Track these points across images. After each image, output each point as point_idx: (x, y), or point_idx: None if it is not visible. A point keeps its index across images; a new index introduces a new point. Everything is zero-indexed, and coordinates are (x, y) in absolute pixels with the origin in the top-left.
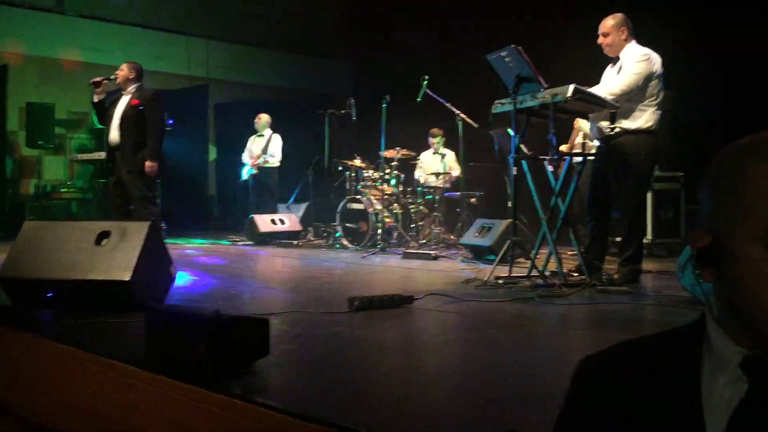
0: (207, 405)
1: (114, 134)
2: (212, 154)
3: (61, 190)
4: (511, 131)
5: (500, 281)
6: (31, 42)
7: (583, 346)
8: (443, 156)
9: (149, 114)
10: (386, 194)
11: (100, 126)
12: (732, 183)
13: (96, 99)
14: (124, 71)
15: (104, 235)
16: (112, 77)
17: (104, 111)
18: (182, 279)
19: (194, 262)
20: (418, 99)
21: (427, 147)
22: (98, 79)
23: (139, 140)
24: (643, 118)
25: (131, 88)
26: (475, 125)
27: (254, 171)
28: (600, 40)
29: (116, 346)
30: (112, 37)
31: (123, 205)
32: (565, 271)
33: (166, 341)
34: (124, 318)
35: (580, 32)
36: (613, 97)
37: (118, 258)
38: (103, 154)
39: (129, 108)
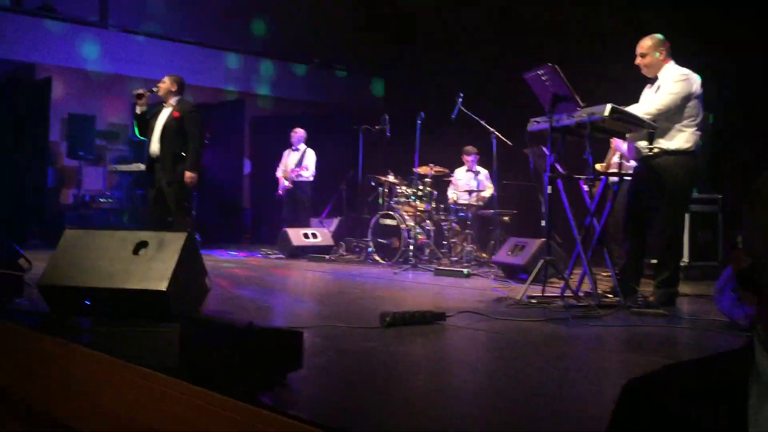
0: (237, 415)
1: (155, 146)
2: (247, 167)
3: (100, 200)
4: (546, 150)
5: (533, 301)
6: (75, 55)
7: (619, 368)
8: (476, 173)
9: (189, 126)
10: (419, 211)
11: (141, 138)
12: None
13: (138, 111)
14: (166, 84)
15: (142, 245)
16: (155, 89)
17: (146, 123)
18: (216, 290)
19: (228, 273)
20: (453, 116)
21: (460, 164)
22: (141, 90)
23: (179, 152)
24: (682, 138)
25: (172, 100)
26: (510, 143)
27: (288, 185)
28: (638, 60)
29: (149, 354)
30: (153, 51)
31: (162, 216)
32: (599, 292)
33: (199, 351)
34: (159, 327)
35: (618, 51)
36: (649, 116)
37: (154, 268)
38: (141, 166)
39: (170, 120)
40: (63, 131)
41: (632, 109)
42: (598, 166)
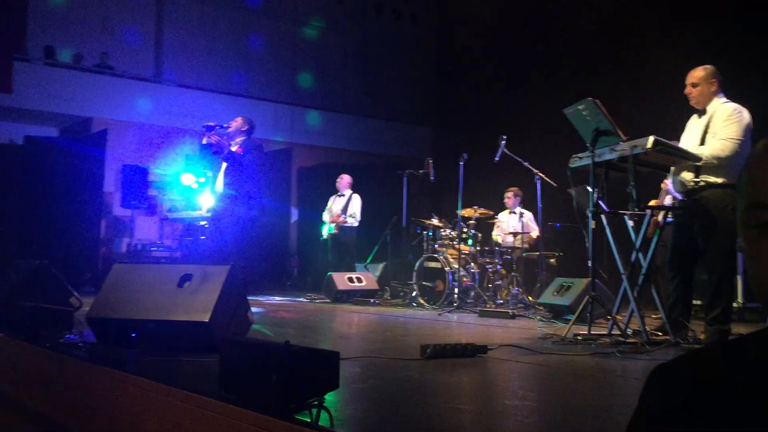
0: None
1: (219, 183)
2: (294, 215)
3: (152, 248)
4: (589, 188)
5: (579, 338)
6: (130, 109)
7: None
8: (521, 215)
9: (247, 161)
10: (463, 253)
11: (200, 179)
12: None
13: (204, 141)
14: (237, 122)
15: (186, 277)
16: (225, 125)
17: (210, 156)
18: (259, 328)
19: (272, 315)
20: (496, 158)
21: (505, 206)
22: (212, 123)
23: (236, 189)
24: (729, 171)
25: (239, 139)
26: (554, 184)
27: (334, 230)
28: (688, 90)
29: (191, 380)
30: (205, 104)
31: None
32: (648, 329)
33: (238, 372)
34: (202, 357)
35: (660, 83)
36: (703, 159)
37: (198, 300)
38: (192, 213)
39: (232, 156)
40: (117, 182)
41: (688, 146)
42: (652, 203)
